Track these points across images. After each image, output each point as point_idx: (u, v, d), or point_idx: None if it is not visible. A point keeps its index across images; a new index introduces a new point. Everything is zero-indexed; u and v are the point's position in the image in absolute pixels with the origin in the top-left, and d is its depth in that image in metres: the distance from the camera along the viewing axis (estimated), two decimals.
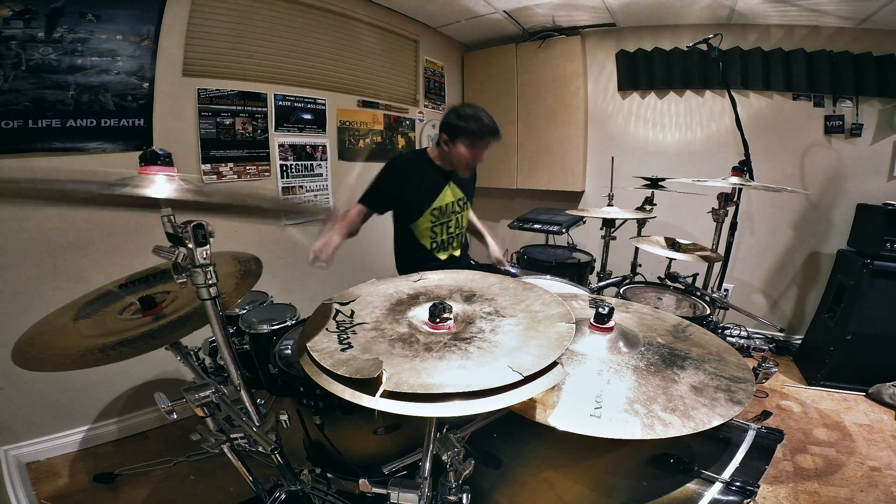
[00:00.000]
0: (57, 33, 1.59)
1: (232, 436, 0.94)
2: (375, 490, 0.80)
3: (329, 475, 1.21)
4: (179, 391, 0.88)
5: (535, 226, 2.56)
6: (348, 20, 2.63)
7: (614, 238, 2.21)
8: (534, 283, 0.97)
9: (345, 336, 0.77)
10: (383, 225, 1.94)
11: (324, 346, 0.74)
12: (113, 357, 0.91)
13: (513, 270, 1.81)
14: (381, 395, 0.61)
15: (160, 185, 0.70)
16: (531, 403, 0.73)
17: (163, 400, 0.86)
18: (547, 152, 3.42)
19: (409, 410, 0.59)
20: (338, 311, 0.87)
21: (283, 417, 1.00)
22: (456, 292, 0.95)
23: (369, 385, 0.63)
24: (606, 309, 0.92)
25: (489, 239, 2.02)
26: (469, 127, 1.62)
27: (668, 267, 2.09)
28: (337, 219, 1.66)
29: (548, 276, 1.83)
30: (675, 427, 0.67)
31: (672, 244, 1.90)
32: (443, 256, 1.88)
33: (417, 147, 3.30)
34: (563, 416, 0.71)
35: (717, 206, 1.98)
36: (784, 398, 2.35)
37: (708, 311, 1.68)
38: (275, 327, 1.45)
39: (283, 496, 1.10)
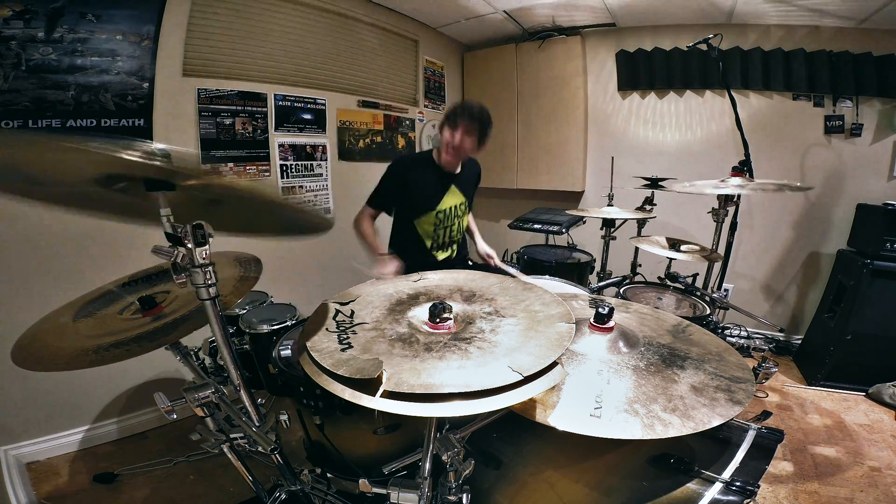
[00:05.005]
0: (57, 33, 1.59)
1: (232, 436, 0.94)
2: (375, 490, 0.80)
3: (329, 475, 1.21)
4: (179, 391, 0.88)
5: (535, 226, 2.56)
6: (348, 20, 2.63)
7: (614, 238, 2.21)
8: (534, 283, 0.97)
9: (345, 336, 0.77)
10: (385, 226, 1.94)
11: (324, 346, 0.74)
12: (107, 358, 0.91)
13: (512, 270, 1.81)
14: (381, 395, 0.61)
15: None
16: (531, 403, 0.73)
17: (163, 400, 0.86)
18: (547, 152, 3.42)
19: (409, 410, 0.59)
20: (338, 311, 0.87)
21: (283, 417, 1.00)
22: (456, 292, 0.95)
23: (369, 385, 0.63)
24: (606, 309, 0.92)
25: (478, 237, 2.05)
26: (450, 113, 1.69)
27: (668, 267, 2.09)
28: (372, 247, 1.71)
29: (547, 277, 1.84)
30: (675, 427, 0.67)
31: (673, 245, 1.90)
32: (440, 256, 1.89)
33: (417, 147, 3.30)
34: (563, 416, 0.71)
35: (717, 206, 1.98)
36: (784, 398, 2.35)
37: (708, 311, 1.68)
38: (275, 327, 1.45)
39: (283, 496, 1.10)
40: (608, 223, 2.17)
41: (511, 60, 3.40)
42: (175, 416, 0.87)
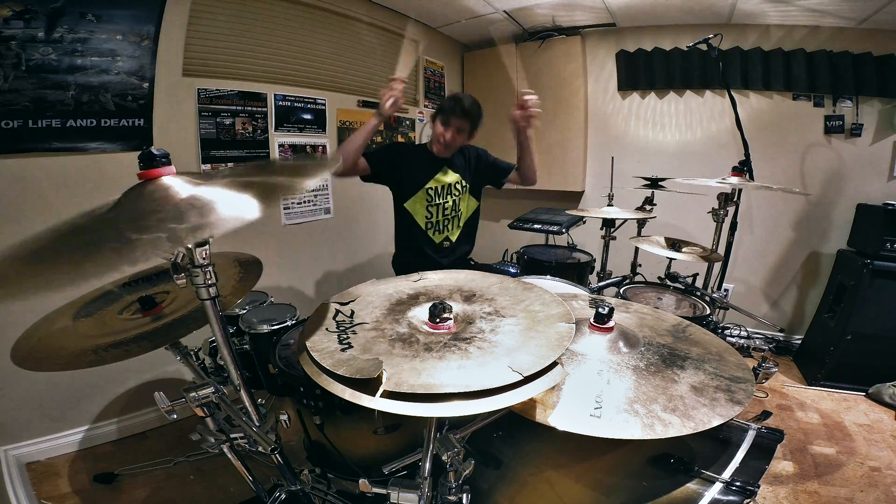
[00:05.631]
0: (57, 33, 1.59)
1: (232, 436, 0.94)
2: (375, 490, 0.80)
3: (329, 475, 1.21)
4: (179, 391, 0.87)
5: (535, 226, 2.56)
6: (348, 20, 2.63)
7: (614, 238, 2.21)
8: (534, 283, 0.97)
9: (345, 336, 0.77)
10: (384, 225, 1.95)
11: (324, 346, 0.74)
12: (107, 358, 0.90)
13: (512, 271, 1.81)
14: (381, 395, 0.61)
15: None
16: (531, 403, 0.73)
17: (163, 400, 0.86)
18: (547, 152, 3.41)
19: (409, 410, 0.59)
20: (338, 311, 0.87)
21: (283, 417, 1.00)
22: (456, 292, 0.95)
23: (369, 385, 0.63)
24: (606, 309, 0.92)
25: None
26: (442, 107, 1.76)
27: (668, 267, 2.09)
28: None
29: (547, 277, 1.83)
30: (675, 427, 0.67)
31: (673, 245, 1.90)
32: (437, 238, 1.89)
33: None
34: (563, 416, 0.71)
35: (717, 206, 1.98)
36: (784, 398, 2.35)
37: (708, 311, 1.68)
38: (275, 327, 1.45)
39: (283, 496, 1.10)
40: (608, 223, 2.17)
41: (511, 60, 3.40)
42: (175, 416, 0.87)
